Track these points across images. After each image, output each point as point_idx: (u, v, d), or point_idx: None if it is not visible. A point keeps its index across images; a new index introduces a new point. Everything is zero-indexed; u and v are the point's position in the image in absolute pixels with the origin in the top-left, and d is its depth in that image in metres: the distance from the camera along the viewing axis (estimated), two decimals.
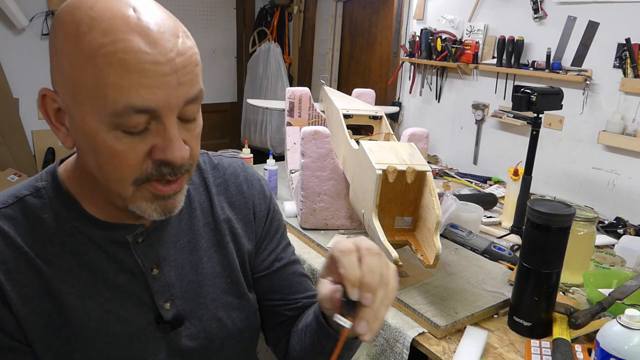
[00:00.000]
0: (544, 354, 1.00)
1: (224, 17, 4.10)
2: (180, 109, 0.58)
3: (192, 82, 0.58)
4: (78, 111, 0.57)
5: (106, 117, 0.55)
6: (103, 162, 0.58)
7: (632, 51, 1.75)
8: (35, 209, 0.65)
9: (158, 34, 0.55)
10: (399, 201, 1.21)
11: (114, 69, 0.53)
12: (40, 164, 3.32)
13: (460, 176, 2.32)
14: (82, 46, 0.53)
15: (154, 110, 0.55)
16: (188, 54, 0.57)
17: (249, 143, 2.19)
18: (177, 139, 0.58)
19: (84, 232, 0.66)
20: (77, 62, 0.54)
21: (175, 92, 0.56)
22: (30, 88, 3.22)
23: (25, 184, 0.68)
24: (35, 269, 0.63)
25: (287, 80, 3.95)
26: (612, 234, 1.68)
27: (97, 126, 0.56)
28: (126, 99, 0.54)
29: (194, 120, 0.62)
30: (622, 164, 1.86)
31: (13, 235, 0.63)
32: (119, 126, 0.55)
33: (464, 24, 2.41)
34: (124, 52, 0.53)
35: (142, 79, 0.53)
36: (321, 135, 1.46)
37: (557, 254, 1.04)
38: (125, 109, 0.54)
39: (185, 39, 0.58)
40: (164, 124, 0.57)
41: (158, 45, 0.54)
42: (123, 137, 0.56)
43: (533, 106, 1.45)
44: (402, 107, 2.89)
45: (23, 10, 3.04)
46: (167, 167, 0.59)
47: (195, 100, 0.60)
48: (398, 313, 1.15)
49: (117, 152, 0.57)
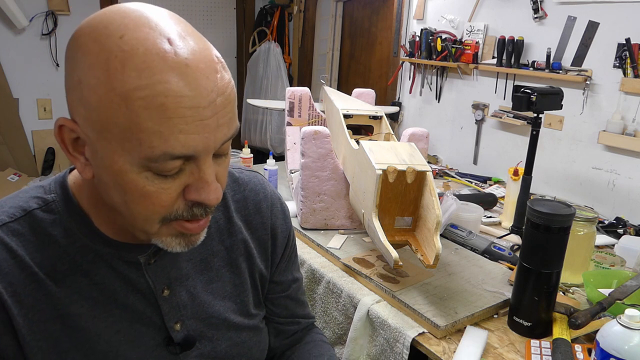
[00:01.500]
0: (544, 354, 1.00)
1: (224, 17, 4.10)
2: (216, 149, 0.55)
3: (230, 122, 0.55)
4: (104, 148, 0.52)
5: (138, 160, 0.51)
6: (131, 200, 0.55)
7: (632, 51, 1.75)
8: (45, 224, 0.62)
9: (197, 71, 0.50)
10: (399, 201, 1.21)
11: (152, 114, 0.49)
12: (40, 164, 3.32)
13: (460, 176, 2.32)
14: (114, 84, 0.49)
15: (192, 156, 0.53)
16: (227, 91, 0.53)
17: (249, 143, 2.20)
18: (212, 180, 0.55)
19: (95, 250, 0.63)
20: (107, 100, 0.49)
21: (214, 136, 0.53)
22: (30, 88, 3.22)
23: (33, 194, 0.64)
24: (44, 289, 0.60)
25: (287, 80, 3.95)
26: (612, 234, 1.68)
27: (127, 167, 0.52)
28: (164, 147, 0.50)
29: (226, 154, 0.60)
30: (622, 164, 1.86)
31: (22, 253, 0.60)
32: (152, 169, 0.52)
33: (464, 24, 2.41)
34: (164, 96, 0.48)
35: (182, 124, 0.49)
36: (321, 135, 1.46)
37: (557, 254, 1.04)
38: (163, 156, 0.51)
39: (223, 72, 0.54)
40: (199, 166, 0.54)
41: (199, 86, 0.50)
42: (155, 179, 0.53)
43: (533, 106, 1.45)
44: (402, 107, 2.89)
45: (23, 10, 3.03)
46: (200, 208, 0.57)
47: (231, 139, 0.57)
48: (398, 313, 1.15)
49: (149, 193, 0.54)
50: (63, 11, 3.20)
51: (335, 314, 1.30)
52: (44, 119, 3.32)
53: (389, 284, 1.22)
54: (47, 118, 3.33)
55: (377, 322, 1.16)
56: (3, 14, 2.98)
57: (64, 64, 0.56)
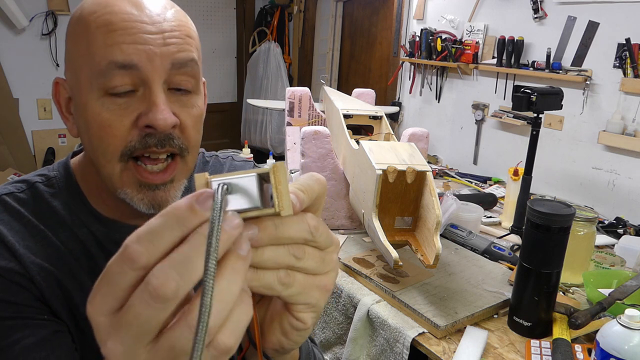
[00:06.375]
0: (544, 354, 1.00)
1: (224, 17, 4.10)
2: (167, 74, 0.57)
3: (180, 46, 0.57)
4: (77, 89, 0.58)
5: (95, 81, 0.56)
6: (92, 135, 0.58)
7: (632, 51, 1.75)
8: (46, 195, 0.65)
9: (148, 2, 0.57)
10: (399, 201, 1.21)
11: (101, 30, 0.55)
12: (40, 164, 3.32)
13: (460, 176, 2.32)
14: (80, 19, 0.57)
15: (135, 66, 0.55)
16: (178, 22, 0.58)
17: (249, 143, 2.20)
18: (161, 102, 0.56)
19: (88, 226, 0.66)
20: (74, 35, 0.58)
21: (160, 51, 0.55)
22: (30, 88, 3.22)
23: (37, 172, 0.69)
24: (53, 245, 0.63)
25: (287, 80, 3.95)
26: (612, 234, 1.68)
27: (88, 96, 0.57)
28: (110, 56, 0.54)
29: (189, 94, 0.60)
30: (622, 164, 1.86)
31: (28, 215, 0.63)
32: (105, 88, 0.55)
33: (464, 24, 2.41)
34: (111, 14, 0.55)
35: (125, 36, 0.54)
36: (321, 135, 1.46)
37: (557, 254, 1.04)
38: (109, 66, 0.54)
39: (180, 14, 0.59)
40: (150, 88, 0.56)
41: (146, 9, 0.56)
42: (110, 103, 0.56)
43: (533, 106, 1.45)
44: (402, 107, 2.89)
45: (23, 10, 3.03)
46: (152, 138, 0.57)
47: (186, 68, 0.58)
48: (398, 313, 1.15)
49: (104, 120, 0.56)
50: (63, 11, 3.20)
51: (335, 314, 1.30)
52: (44, 119, 3.32)
53: (389, 284, 1.22)
54: (47, 118, 3.32)
55: (377, 322, 1.16)
56: (3, 14, 2.98)
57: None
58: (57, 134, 3.38)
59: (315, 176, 0.38)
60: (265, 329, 0.40)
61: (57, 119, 3.35)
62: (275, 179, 0.33)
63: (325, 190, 0.38)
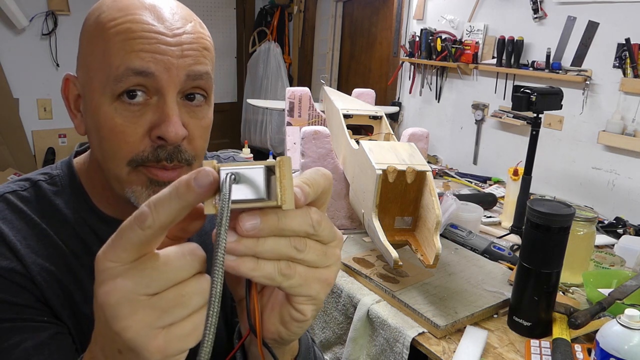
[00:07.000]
0: (544, 353, 1.00)
1: (224, 17, 4.10)
2: (182, 84, 0.57)
3: (197, 59, 0.58)
4: (89, 89, 0.59)
5: (109, 86, 0.56)
6: (103, 137, 0.58)
7: (632, 51, 1.75)
8: (49, 193, 0.66)
9: (169, 15, 0.58)
10: (399, 201, 1.21)
11: (120, 37, 0.55)
12: (40, 164, 3.32)
13: (460, 176, 2.32)
14: (98, 23, 0.57)
15: (152, 74, 0.55)
16: (197, 35, 0.59)
17: (249, 143, 2.20)
18: (174, 114, 0.57)
19: (90, 225, 0.66)
20: (91, 38, 0.58)
21: (177, 62, 0.56)
22: (30, 88, 3.22)
23: (40, 170, 0.69)
24: (55, 244, 0.63)
25: (287, 80, 3.95)
26: (612, 234, 1.68)
27: (101, 99, 0.57)
28: (127, 62, 0.55)
29: (201, 107, 0.61)
30: (622, 164, 1.86)
31: (31, 214, 0.63)
32: (119, 92, 0.56)
33: (464, 24, 2.41)
34: (132, 22, 0.55)
35: (145, 44, 0.55)
36: (321, 135, 1.46)
37: (557, 254, 1.04)
38: (125, 72, 0.55)
39: (198, 26, 0.60)
40: (164, 98, 0.57)
41: (166, 22, 0.57)
42: (123, 109, 0.56)
43: (533, 106, 1.45)
44: (402, 107, 2.89)
45: (23, 10, 3.03)
46: (164, 150, 0.58)
47: (200, 81, 0.59)
48: (398, 313, 1.16)
49: (116, 125, 0.57)
50: (63, 11, 3.20)
51: (335, 313, 1.30)
52: (44, 119, 3.32)
53: (389, 283, 1.22)
54: (47, 118, 3.33)
55: (377, 322, 1.16)
56: (3, 14, 2.98)
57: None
58: (57, 134, 3.38)
59: (321, 171, 0.39)
60: (265, 318, 0.41)
61: (57, 119, 3.35)
62: (280, 172, 0.34)
63: (331, 185, 0.39)
